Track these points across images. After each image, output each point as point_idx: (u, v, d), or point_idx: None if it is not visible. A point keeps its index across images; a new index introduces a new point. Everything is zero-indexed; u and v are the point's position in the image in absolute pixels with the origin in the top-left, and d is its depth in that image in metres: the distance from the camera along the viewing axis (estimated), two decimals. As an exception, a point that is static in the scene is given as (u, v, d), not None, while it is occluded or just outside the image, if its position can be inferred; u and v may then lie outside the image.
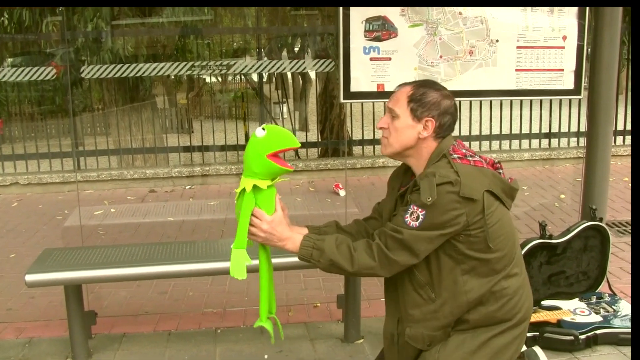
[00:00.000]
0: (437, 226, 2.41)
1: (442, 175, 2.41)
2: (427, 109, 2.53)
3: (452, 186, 2.38)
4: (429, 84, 2.61)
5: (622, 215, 6.42)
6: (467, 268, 2.48)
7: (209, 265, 3.59)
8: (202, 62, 7.73)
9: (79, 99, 10.92)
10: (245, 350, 3.78)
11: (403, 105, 2.55)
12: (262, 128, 2.47)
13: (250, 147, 2.48)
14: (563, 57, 4.18)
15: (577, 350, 3.65)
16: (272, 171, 2.47)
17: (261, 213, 2.49)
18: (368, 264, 2.47)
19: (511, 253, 2.56)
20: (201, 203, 7.55)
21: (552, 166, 8.96)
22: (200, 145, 9.19)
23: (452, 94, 2.60)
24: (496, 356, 2.56)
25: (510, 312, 2.56)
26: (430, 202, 2.38)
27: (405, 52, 3.99)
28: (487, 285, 2.50)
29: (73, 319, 3.66)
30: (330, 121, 9.96)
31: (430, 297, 2.52)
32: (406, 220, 2.43)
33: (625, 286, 4.54)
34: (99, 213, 7.05)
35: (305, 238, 2.53)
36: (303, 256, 2.52)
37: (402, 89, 2.60)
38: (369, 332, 3.94)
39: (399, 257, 2.45)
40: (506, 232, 2.52)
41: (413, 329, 2.56)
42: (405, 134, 2.55)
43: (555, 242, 4.07)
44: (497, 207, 2.47)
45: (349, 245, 2.51)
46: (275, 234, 2.51)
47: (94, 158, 8.78)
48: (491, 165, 2.56)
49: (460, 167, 2.45)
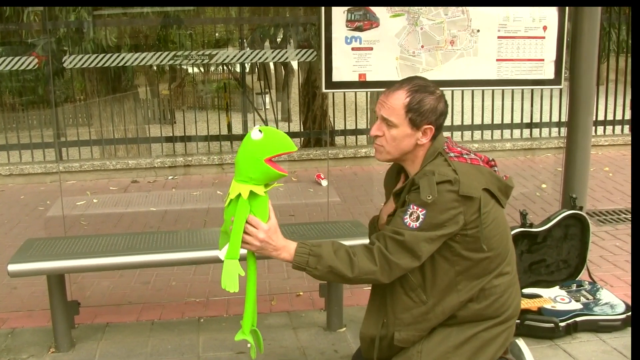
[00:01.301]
0: (436, 226, 2.38)
1: (441, 173, 2.39)
2: (426, 117, 2.48)
3: (451, 185, 2.37)
4: (422, 86, 2.53)
5: (602, 204, 6.48)
6: (461, 269, 2.48)
7: (191, 254, 3.59)
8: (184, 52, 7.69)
9: (61, 89, 10.84)
10: (229, 339, 3.79)
11: (400, 115, 2.48)
12: (258, 130, 2.36)
13: (245, 151, 2.36)
14: (543, 47, 4.20)
15: (557, 338, 3.69)
16: (268, 176, 2.37)
17: (257, 221, 2.40)
18: (369, 269, 2.41)
19: (505, 252, 2.56)
20: (184, 193, 7.54)
21: (534, 156, 9.02)
22: (182, 135, 9.17)
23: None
24: (480, 351, 2.57)
25: (498, 309, 2.56)
26: (430, 200, 2.35)
27: (386, 42, 4.01)
28: (479, 285, 2.51)
29: (56, 309, 3.66)
30: (312, 111, 9.97)
31: (421, 299, 2.51)
32: (405, 222, 2.40)
33: (605, 274, 4.59)
34: (81, 203, 7.03)
35: (300, 245, 2.45)
36: (298, 264, 2.43)
37: (394, 94, 2.52)
38: (352, 320, 3.96)
39: (400, 260, 2.40)
40: (501, 231, 2.53)
41: (403, 332, 2.54)
42: (403, 142, 2.51)
43: (536, 230, 4.11)
44: (492, 205, 2.48)
45: (347, 250, 2.44)
46: (271, 243, 2.42)
47: (76, 149, 8.75)
48: (486, 163, 2.56)
49: (457, 165, 2.44)
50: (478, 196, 2.41)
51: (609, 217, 5.99)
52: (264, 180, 2.39)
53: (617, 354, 3.52)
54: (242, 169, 2.37)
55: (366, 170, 8.28)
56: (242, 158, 2.37)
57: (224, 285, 2.40)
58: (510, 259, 2.61)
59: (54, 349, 3.71)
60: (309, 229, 3.86)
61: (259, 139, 2.34)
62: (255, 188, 2.36)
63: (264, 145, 2.33)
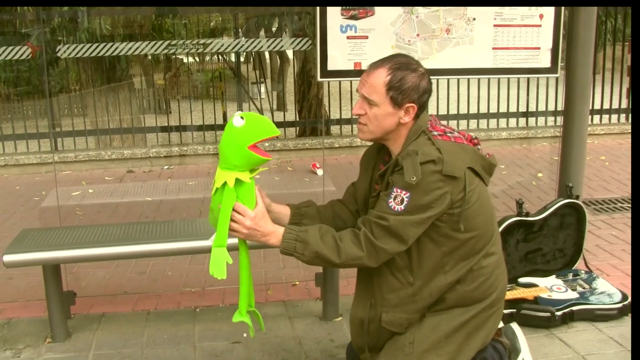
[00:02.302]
0: (422, 208, 2.35)
1: (424, 153, 2.36)
2: (408, 95, 2.44)
3: (434, 165, 2.34)
4: (404, 64, 2.48)
5: (598, 193, 6.48)
6: (448, 250, 2.46)
7: (187, 244, 3.59)
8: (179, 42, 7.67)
9: (56, 79, 10.83)
10: (224, 328, 3.80)
11: (381, 93, 2.44)
12: (240, 117, 2.35)
13: (228, 138, 2.36)
14: (540, 36, 4.19)
15: (553, 327, 3.69)
16: (252, 162, 2.38)
17: (243, 209, 2.39)
18: (355, 254, 2.40)
19: (490, 231, 2.55)
20: (179, 183, 7.53)
21: (530, 145, 9.02)
22: (178, 125, 9.15)
23: (429, 72, 2.56)
24: (471, 337, 2.57)
25: (486, 292, 2.56)
26: (414, 181, 2.32)
27: (382, 31, 3.99)
28: (467, 266, 2.50)
29: (52, 299, 3.65)
30: (308, 101, 9.96)
31: (408, 280, 2.49)
32: (390, 205, 2.37)
33: (601, 263, 4.59)
34: (76, 194, 7.02)
35: (287, 230, 2.44)
36: (286, 249, 2.42)
37: (375, 72, 2.48)
38: (347, 310, 3.92)
39: (387, 245, 2.39)
40: (486, 210, 2.51)
41: (390, 313, 2.53)
42: (386, 120, 2.47)
43: (532, 219, 4.11)
44: (477, 184, 2.45)
45: (333, 235, 2.43)
46: (258, 230, 2.42)
47: (71, 139, 8.73)
48: (469, 141, 2.53)
49: (441, 144, 2.41)
50: (461, 176, 2.38)
51: (605, 206, 5.99)
52: (248, 167, 2.39)
53: (614, 343, 3.52)
54: (226, 157, 2.37)
55: (362, 159, 8.21)
56: (225, 145, 2.37)
57: (212, 272, 2.39)
58: (495, 239, 2.59)
59: (50, 339, 3.70)
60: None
61: (241, 126, 2.33)
62: (240, 175, 2.37)
63: (246, 132, 2.33)
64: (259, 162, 2.39)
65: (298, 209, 2.73)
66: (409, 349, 2.53)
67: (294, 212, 2.71)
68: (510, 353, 2.84)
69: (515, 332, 2.94)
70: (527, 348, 2.90)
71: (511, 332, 2.94)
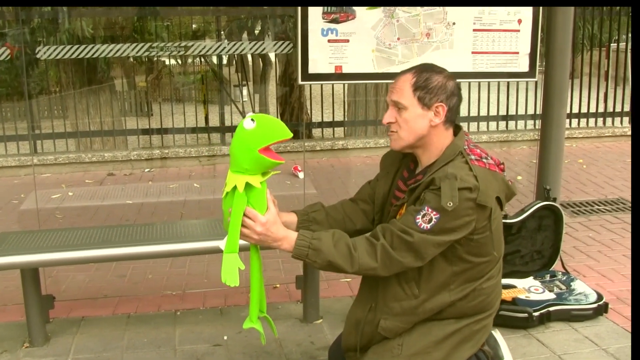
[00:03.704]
0: (448, 231, 2.34)
1: (463, 179, 2.32)
2: (435, 94, 2.43)
3: (470, 192, 2.32)
4: (429, 67, 2.51)
5: (576, 196, 6.54)
6: (459, 270, 2.46)
7: (168, 247, 3.58)
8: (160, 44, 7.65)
9: (35, 81, 10.76)
10: (205, 331, 3.80)
11: (408, 95, 2.44)
12: (250, 119, 2.28)
13: (239, 141, 2.28)
14: (518, 40, 4.23)
15: (531, 327, 3.73)
16: (264, 166, 2.31)
17: (254, 213, 2.35)
18: (369, 265, 2.38)
19: (499, 257, 2.55)
20: (160, 186, 7.51)
21: (509, 148, 9.08)
22: (159, 128, 9.13)
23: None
24: (460, 345, 2.57)
25: (483, 308, 2.56)
26: (451, 207, 2.29)
27: (363, 34, 4.01)
28: (471, 287, 2.50)
29: (30, 303, 3.63)
30: (290, 104, 9.97)
31: (413, 293, 2.49)
32: (417, 222, 2.34)
33: (578, 264, 4.64)
34: (56, 197, 6.98)
35: (300, 237, 2.40)
36: (298, 256, 2.40)
37: (401, 78, 2.48)
38: (328, 312, 3.98)
39: (404, 259, 2.37)
40: (499, 237, 2.51)
41: (389, 321, 2.52)
42: (417, 124, 2.45)
43: (511, 221, 4.14)
44: (498, 212, 2.45)
45: (347, 243, 2.40)
46: (270, 235, 2.38)
47: (51, 141, 8.67)
48: (498, 166, 2.51)
49: (478, 170, 2.38)
50: (491, 206, 2.38)
51: (582, 209, 6.05)
52: (259, 170, 2.33)
53: (589, 342, 3.57)
54: (237, 160, 2.30)
55: (343, 162, 8.29)
56: (236, 148, 2.30)
57: (224, 279, 2.35)
58: (500, 263, 2.60)
59: (28, 343, 3.68)
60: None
61: (252, 128, 2.26)
62: (251, 179, 2.30)
63: (257, 135, 2.26)
64: (271, 166, 2.34)
65: (306, 214, 2.72)
66: (397, 350, 2.54)
67: (302, 219, 2.70)
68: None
69: (497, 340, 2.95)
70: (509, 355, 2.92)
71: (493, 340, 2.95)
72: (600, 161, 8.15)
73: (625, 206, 6.10)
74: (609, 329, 3.73)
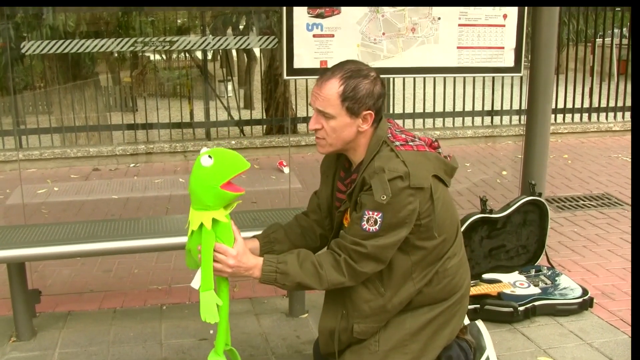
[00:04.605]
0: (396, 226, 2.35)
1: (391, 169, 2.34)
2: (363, 103, 2.41)
3: (402, 180, 2.33)
4: (355, 71, 2.44)
5: (561, 191, 6.57)
6: (417, 259, 2.48)
7: (153, 241, 3.58)
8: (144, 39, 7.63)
9: (20, 76, 10.69)
10: (191, 326, 3.80)
11: (336, 105, 2.41)
12: (208, 155, 2.29)
13: (198, 179, 2.31)
14: (504, 35, 4.25)
15: (516, 322, 3.75)
16: (226, 200, 2.34)
17: (224, 248, 2.38)
18: (337, 280, 2.41)
19: (454, 234, 2.58)
20: (145, 181, 7.49)
21: (494, 143, 9.11)
22: (144, 123, 9.10)
23: (394, 71, 2.56)
24: (436, 334, 2.59)
25: (450, 291, 2.59)
26: (385, 200, 2.31)
27: (348, 29, 4.02)
28: (433, 270, 2.52)
29: (16, 297, 3.62)
30: (275, 99, 9.96)
31: (379, 291, 2.51)
32: (364, 228, 2.36)
33: (562, 259, 4.67)
34: (42, 192, 6.95)
35: (266, 262, 2.43)
36: (266, 281, 2.43)
37: (327, 84, 2.43)
38: (314, 306, 3.98)
39: (366, 268, 2.40)
40: (450, 214, 2.53)
41: (362, 324, 2.54)
42: (344, 132, 2.45)
43: (496, 216, 4.16)
44: (441, 190, 2.46)
45: (313, 262, 2.42)
46: (242, 266, 2.41)
47: (36, 136, 8.61)
48: (430, 146, 2.52)
49: (405, 155, 2.39)
50: (429, 185, 2.39)
51: (567, 204, 6.08)
52: (222, 205, 2.35)
53: (574, 337, 3.59)
54: (199, 197, 2.32)
55: (329, 157, 8.24)
56: (196, 186, 2.32)
57: (204, 317, 2.37)
58: (458, 240, 2.62)
59: (14, 338, 3.68)
60: (271, 216, 3.86)
61: (210, 165, 2.28)
62: (216, 214, 2.33)
63: (216, 171, 2.28)
64: (233, 198, 2.35)
65: (267, 236, 2.73)
66: (374, 347, 2.56)
67: (264, 242, 2.72)
68: (476, 351, 2.88)
69: (480, 330, 2.98)
70: (492, 346, 2.95)
71: (476, 330, 2.97)
72: (585, 156, 8.19)
73: (611, 201, 6.14)
74: (594, 323, 3.76)
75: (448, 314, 2.61)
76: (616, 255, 4.77)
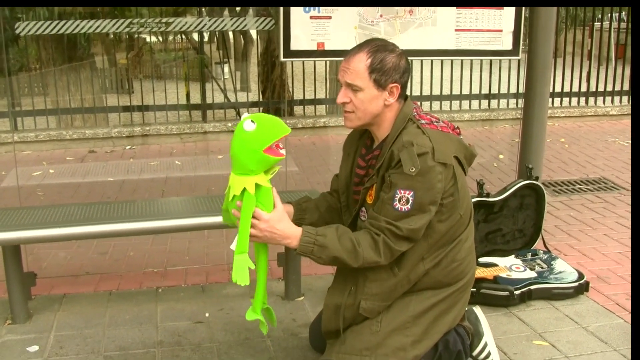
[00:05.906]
0: (428, 204, 2.39)
1: (419, 144, 2.38)
2: (390, 76, 2.47)
3: (429, 155, 2.37)
4: (381, 46, 2.52)
5: (558, 175, 6.57)
6: (433, 241, 2.51)
7: (149, 224, 3.57)
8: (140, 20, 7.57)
9: (15, 57, 10.63)
10: (187, 308, 3.79)
11: (364, 77, 2.46)
12: (250, 120, 2.32)
13: (241, 143, 2.34)
14: (502, 18, 4.22)
15: (512, 305, 3.75)
16: (269, 164, 2.38)
17: (259, 213, 2.39)
18: (373, 259, 2.43)
19: (468, 219, 2.60)
20: (141, 163, 7.47)
21: (492, 127, 9.10)
22: (140, 105, 9.06)
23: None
24: (438, 319, 2.61)
25: (457, 277, 2.60)
26: (414, 172, 2.34)
27: (345, 11, 3.99)
28: (444, 253, 2.54)
29: (12, 280, 3.61)
30: (271, 81, 9.92)
31: (393, 271, 2.52)
32: (396, 208, 2.39)
33: (559, 243, 4.67)
34: (37, 174, 6.93)
35: (305, 234, 2.44)
36: (303, 252, 2.44)
37: (355, 57, 2.49)
38: (309, 289, 3.98)
39: (402, 247, 2.44)
40: (467, 198, 2.57)
41: (369, 301, 2.56)
42: (372, 104, 2.49)
43: (492, 200, 4.16)
44: (460, 173, 2.50)
45: (351, 238, 2.44)
46: (276, 232, 2.42)
47: (32, 118, 8.57)
48: (453, 130, 2.57)
49: (430, 132, 2.44)
50: (452, 163, 2.43)
51: (564, 188, 6.08)
52: (264, 169, 2.39)
53: (569, 321, 3.60)
54: (241, 162, 2.35)
55: (324, 140, 8.27)
56: (239, 151, 2.35)
57: (235, 279, 2.40)
58: (470, 226, 2.65)
59: (10, 320, 3.67)
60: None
61: (253, 130, 2.31)
62: (259, 179, 2.36)
63: (259, 136, 2.32)
64: (275, 163, 2.40)
65: (299, 204, 2.80)
66: (376, 327, 2.57)
67: (297, 209, 2.77)
68: (473, 337, 2.89)
69: (478, 316, 2.99)
70: (490, 332, 2.95)
71: (474, 317, 2.98)
72: (582, 140, 8.19)
73: (607, 186, 6.13)
74: (589, 307, 3.76)
75: (451, 300, 2.62)
76: (612, 239, 4.77)
